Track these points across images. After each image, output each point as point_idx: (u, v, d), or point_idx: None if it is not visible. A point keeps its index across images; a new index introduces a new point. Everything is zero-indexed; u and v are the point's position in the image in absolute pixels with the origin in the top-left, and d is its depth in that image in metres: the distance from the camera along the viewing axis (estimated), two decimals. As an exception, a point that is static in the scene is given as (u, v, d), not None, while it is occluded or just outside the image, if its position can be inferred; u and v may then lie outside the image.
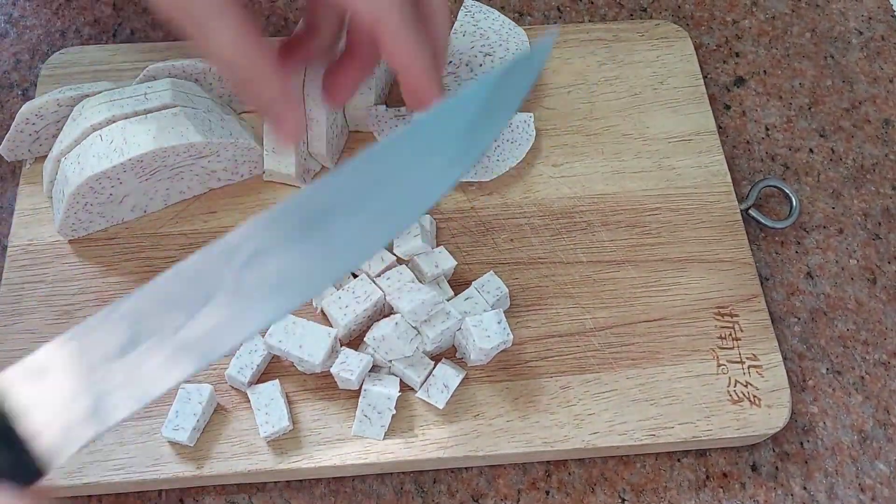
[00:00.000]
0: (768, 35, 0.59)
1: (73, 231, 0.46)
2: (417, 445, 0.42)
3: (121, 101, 0.45)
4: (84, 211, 0.45)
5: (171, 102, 0.45)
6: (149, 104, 0.45)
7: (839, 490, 0.44)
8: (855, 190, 0.53)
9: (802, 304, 0.49)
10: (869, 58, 0.58)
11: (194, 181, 0.48)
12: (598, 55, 0.55)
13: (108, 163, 0.43)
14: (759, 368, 0.45)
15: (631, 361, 0.45)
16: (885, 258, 0.51)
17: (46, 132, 0.48)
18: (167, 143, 0.44)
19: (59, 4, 0.58)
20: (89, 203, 0.45)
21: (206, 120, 0.46)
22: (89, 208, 0.45)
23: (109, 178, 0.44)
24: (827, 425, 0.46)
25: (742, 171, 0.54)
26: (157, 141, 0.44)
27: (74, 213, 0.45)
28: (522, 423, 0.43)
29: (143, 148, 0.43)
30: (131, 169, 0.44)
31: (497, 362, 0.44)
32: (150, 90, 0.46)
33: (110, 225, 0.47)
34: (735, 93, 0.57)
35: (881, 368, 0.48)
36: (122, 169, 0.44)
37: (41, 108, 0.47)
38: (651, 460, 0.45)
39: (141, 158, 0.44)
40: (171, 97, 0.45)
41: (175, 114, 0.45)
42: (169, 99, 0.45)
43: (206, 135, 0.45)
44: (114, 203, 0.46)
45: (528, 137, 0.50)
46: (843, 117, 0.56)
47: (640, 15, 0.60)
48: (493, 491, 0.44)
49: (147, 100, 0.45)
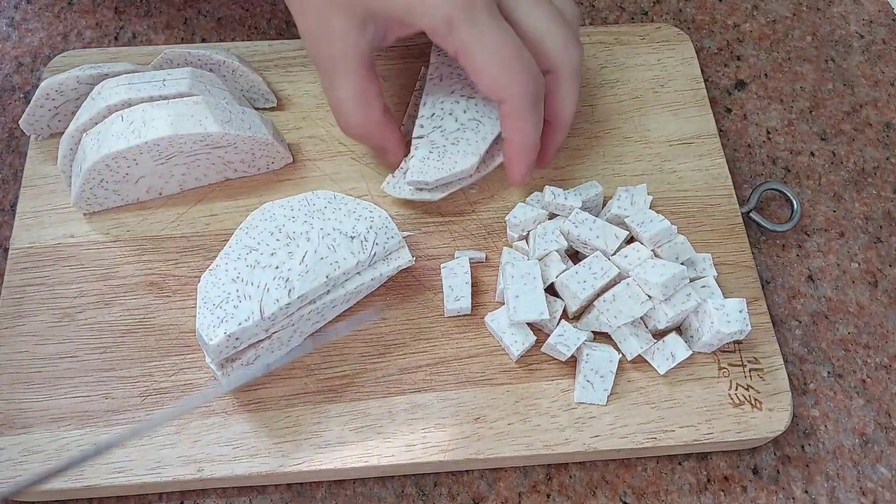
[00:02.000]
0: (769, 38, 0.59)
1: (89, 205, 0.47)
2: (418, 448, 0.42)
3: (139, 85, 0.46)
4: (100, 187, 0.46)
5: (188, 91, 0.46)
6: (166, 90, 0.46)
7: (840, 493, 0.44)
8: (856, 193, 0.53)
9: (803, 307, 0.49)
10: (870, 61, 0.58)
11: (211, 170, 0.48)
12: (600, 58, 0.55)
13: (125, 143, 0.44)
14: (761, 372, 0.45)
15: (631, 364, 0.45)
16: (887, 261, 0.51)
17: (66, 108, 0.49)
18: (184, 130, 0.44)
19: (61, 8, 0.58)
20: (105, 180, 0.46)
21: (226, 111, 0.46)
22: (105, 185, 0.46)
23: (125, 159, 0.45)
24: (828, 429, 0.46)
25: (743, 174, 0.53)
26: (175, 127, 0.44)
27: (90, 188, 0.46)
28: (523, 427, 0.43)
29: (161, 133, 0.44)
30: (147, 151, 0.45)
31: (497, 364, 0.44)
32: (169, 77, 0.47)
33: (125, 203, 0.48)
34: (736, 96, 0.57)
35: (882, 372, 0.48)
36: (139, 151, 0.44)
37: (62, 84, 0.48)
38: (652, 463, 0.44)
39: (157, 142, 0.44)
40: (188, 86, 0.46)
41: (196, 102, 0.45)
42: (186, 87, 0.46)
43: (225, 126, 0.45)
44: (129, 182, 0.47)
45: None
46: (844, 121, 0.56)
47: (642, 18, 0.60)
48: (494, 494, 0.43)
49: (165, 86, 0.46)
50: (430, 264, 0.47)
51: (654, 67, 0.55)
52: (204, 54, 0.49)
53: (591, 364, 0.43)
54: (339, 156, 0.51)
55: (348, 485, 0.43)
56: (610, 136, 0.52)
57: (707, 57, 0.58)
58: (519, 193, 0.50)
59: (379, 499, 0.43)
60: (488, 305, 0.46)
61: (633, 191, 0.47)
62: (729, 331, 0.42)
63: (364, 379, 0.44)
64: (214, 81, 0.48)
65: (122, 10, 0.58)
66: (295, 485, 0.43)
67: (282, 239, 0.42)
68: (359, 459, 0.42)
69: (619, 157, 0.51)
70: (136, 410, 0.43)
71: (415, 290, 0.46)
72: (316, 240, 0.42)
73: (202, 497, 0.43)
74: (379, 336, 0.45)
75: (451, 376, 0.44)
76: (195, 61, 0.49)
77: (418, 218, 0.49)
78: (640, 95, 0.54)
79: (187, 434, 0.42)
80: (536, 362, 0.45)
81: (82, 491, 0.41)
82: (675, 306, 0.43)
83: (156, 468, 0.41)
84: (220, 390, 0.42)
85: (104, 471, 0.41)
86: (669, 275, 0.42)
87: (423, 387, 0.44)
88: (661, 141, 0.52)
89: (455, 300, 0.45)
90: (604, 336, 0.45)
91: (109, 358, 0.44)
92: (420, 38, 0.54)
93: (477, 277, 0.47)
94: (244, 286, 0.41)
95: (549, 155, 0.47)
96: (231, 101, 0.48)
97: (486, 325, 0.45)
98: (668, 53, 0.55)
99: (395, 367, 0.44)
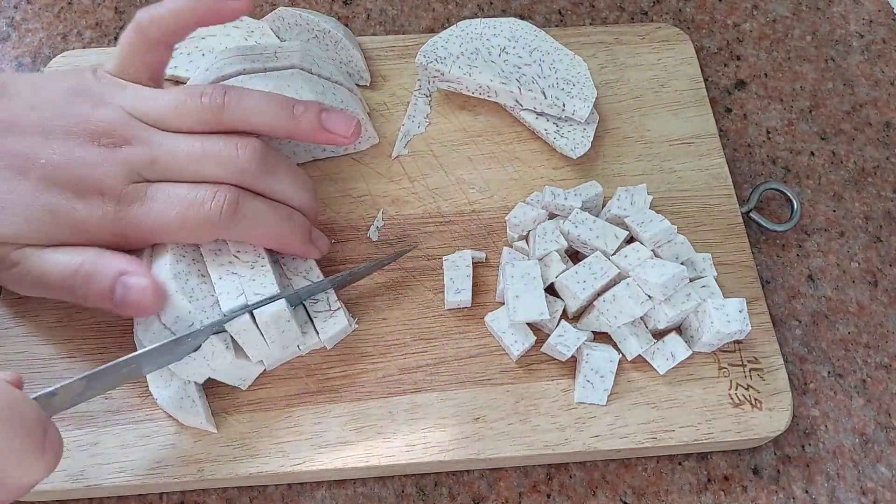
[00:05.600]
0: (769, 38, 0.59)
1: None
2: (419, 448, 0.42)
3: (253, 56, 0.47)
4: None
5: (299, 64, 0.47)
6: (278, 62, 0.47)
7: (841, 493, 0.44)
8: (856, 193, 0.53)
9: (804, 307, 0.49)
10: (870, 60, 0.58)
11: (300, 147, 0.49)
12: (599, 58, 0.55)
13: None
14: (761, 371, 0.45)
15: (631, 364, 0.45)
16: (887, 261, 0.51)
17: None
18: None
19: (61, 8, 0.58)
20: None
21: (319, 83, 0.47)
22: None
23: None
24: (828, 428, 0.46)
25: (743, 174, 0.54)
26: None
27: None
28: (523, 427, 0.43)
29: None
30: None
31: (497, 364, 0.44)
32: (280, 50, 0.48)
33: None
34: (736, 96, 0.57)
35: (883, 371, 0.48)
36: None
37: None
38: (652, 463, 0.45)
39: None
40: (299, 59, 0.47)
41: (292, 73, 0.46)
42: (298, 60, 0.47)
43: (319, 97, 0.46)
44: None
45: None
46: (844, 120, 0.56)
47: (641, 18, 0.60)
48: (495, 494, 0.43)
49: (277, 58, 0.47)
50: (431, 264, 0.47)
51: (653, 67, 0.55)
52: (312, 20, 0.50)
53: (592, 364, 0.43)
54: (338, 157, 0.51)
55: (349, 485, 0.43)
56: (610, 135, 0.52)
57: (707, 57, 0.58)
58: (519, 193, 0.50)
59: (379, 499, 0.43)
60: (488, 305, 0.46)
61: (633, 191, 0.47)
62: (729, 331, 0.42)
63: (364, 379, 0.44)
64: (322, 56, 0.49)
65: (122, 10, 0.58)
66: (295, 485, 0.43)
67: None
68: (359, 459, 0.42)
69: (618, 157, 0.51)
70: (135, 410, 0.43)
71: (415, 290, 0.46)
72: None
73: (203, 497, 0.43)
74: (379, 336, 0.45)
75: (451, 376, 0.44)
76: (304, 24, 0.50)
77: (419, 218, 0.49)
78: (639, 95, 0.54)
79: (188, 434, 0.42)
80: (536, 362, 0.45)
81: (82, 491, 0.41)
82: (675, 306, 0.43)
83: (156, 468, 0.41)
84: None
85: (104, 471, 0.41)
86: (669, 275, 0.42)
87: (423, 387, 0.44)
88: (661, 141, 0.52)
89: (456, 293, 0.45)
90: (604, 336, 0.45)
91: (109, 358, 0.44)
92: (419, 39, 0.54)
93: (477, 277, 0.47)
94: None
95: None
96: (335, 74, 0.49)
97: (486, 325, 0.45)
98: (668, 53, 0.55)
99: (396, 367, 0.44)
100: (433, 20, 0.59)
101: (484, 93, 0.51)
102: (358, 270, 0.45)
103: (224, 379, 0.42)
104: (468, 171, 0.50)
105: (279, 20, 0.51)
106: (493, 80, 0.49)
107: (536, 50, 0.51)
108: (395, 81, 0.53)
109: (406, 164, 0.50)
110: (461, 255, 0.46)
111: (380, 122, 0.52)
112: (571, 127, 0.50)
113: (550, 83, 0.50)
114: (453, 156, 0.51)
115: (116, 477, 0.41)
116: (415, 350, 0.45)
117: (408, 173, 0.50)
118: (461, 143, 0.51)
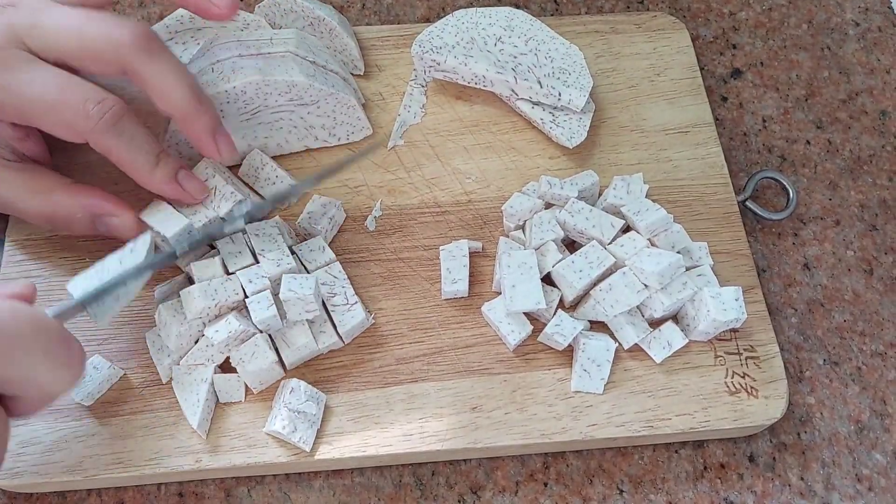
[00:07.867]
0: (765, 27, 0.59)
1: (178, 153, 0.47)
2: (416, 438, 0.42)
3: (248, 42, 0.47)
4: (185, 143, 0.47)
5: (294, 50, 0.47)
6: (273, 48, 0.47)
7: (836, 480, 0.44)
8: (852, 181, 0.53)
9: (799, 295, 0.49)
10: (865, 49, 0.58)
11: (292, 135, 0.49)
12: (595, 47, 0.55)
13: (213, 89, 0.45)
14: (757, 360, 0.45)
15: (628, 353, 0.45)
16: (882, 249, 0.51)
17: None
18: (271, 77, 0.45)
19: None
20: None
21: (311, 68, 0.47)
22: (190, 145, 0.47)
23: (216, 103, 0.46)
24: (824, 416, 0.46)
25: (739, 162, 0.54)
26: (263, 73, 0.45)
27: (175, 143, 0.47)
28: (520, 416, 0.43)
29: (248, 77, 0.45)
30: (234, 100, 0.46)
31: (494, 354, 0.45)
32: (276, 36, 0.48)
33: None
34: (732, 84, 0.57)
35: (878, 359, 0.48)
36: (226, 98, 0.45)
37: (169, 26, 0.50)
38: (649, 452, 0.45)
39: (244, 89, 0.45)
40: (295, 45, 0.47)
41: (283, 56, 0.46)
42: (293, 46, 0.47)
43: (310, 79, 0.46)
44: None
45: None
46: (840, 108, 0.56)
47: (637, 7, 0.60)
48: (492, 483, 0.44)
49: (272, 44, 0.47)
50: (427, 254, 0.47)
51: (649, 56, 0.55)
52: (307, 6, 0.50)
53: (588, 353, 0.43)
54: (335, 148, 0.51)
55: (346, 474, 0.44)
56: (606, 125, 0.52)
57: (703, 45, 0.58)
58: (515, 183, 0.50)
59: (377, 488, 0.43)
60: (485, 295, 0.46)
61: (630, 180, 0.47)
62: (725, 319, 0.42)
63: (361, 369, 0.44)
64: (317, 44, 0.50)
65: (121, 10, 0.58)
66: (293, 475, 0.43)
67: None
68: (357, 449, 0.42)
69: (615, 146, 0.51)
70: (133, 402, 0.43)
71: (411, 280, 0.46)
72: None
73: (200, 487, 0.43)
74: (376, 326, 0.45)
75: (448, 366, 0.44)
76: (299, 11, 0.50)
77: (415, 208, 0.49)
78: (635, 84, 0.54)
79: (185, 425, 0.42)
80: (533, 352, 0.45)
81: (81, 482, 0.41)
82: (671, 295, 0.43)
83: (154, 459, 0.41)
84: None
85: (103, 462, 0.41)
86: (665, 264, 0.42)
87: (420, 377, 0.44)
88: (657, 130, 0.52)
89: (452, 283, 0.45)
90: (600, 325, 0.45)
91: (108, 350, 0.44)
92: (415, 29, 0.54)
93: (473, 267, 0.47)
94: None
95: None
96: (329, 63, 0.49)
97: (482, 314, 0.45)
98: (664, 42, 0.55)
99: (393, 357, 0.44)
100: (428, 9, 0.59)
101: (480, 82, 0.50)
102: (331, 168, 0.47)
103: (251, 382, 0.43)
104: (464, 161, 0.50)
105: (274, 6, 0.51)
106: (488, 70, 0.49)
107: (532, 39, 0.51)
108: (390, 71, 0.53)
109: (402, 155, 0.50)
110: (458, 245, 0.46)
111: (375, 113, 0.52)
112: (567, 116, 0.50)
113: (546, 72, 0.50)
114: (449, 146, 0.51)
115: (115, 468, 0.41)
116: (412, 340, 0.45)
117: (404, 163, 0.50)
118: (457, 133, 0.51)
